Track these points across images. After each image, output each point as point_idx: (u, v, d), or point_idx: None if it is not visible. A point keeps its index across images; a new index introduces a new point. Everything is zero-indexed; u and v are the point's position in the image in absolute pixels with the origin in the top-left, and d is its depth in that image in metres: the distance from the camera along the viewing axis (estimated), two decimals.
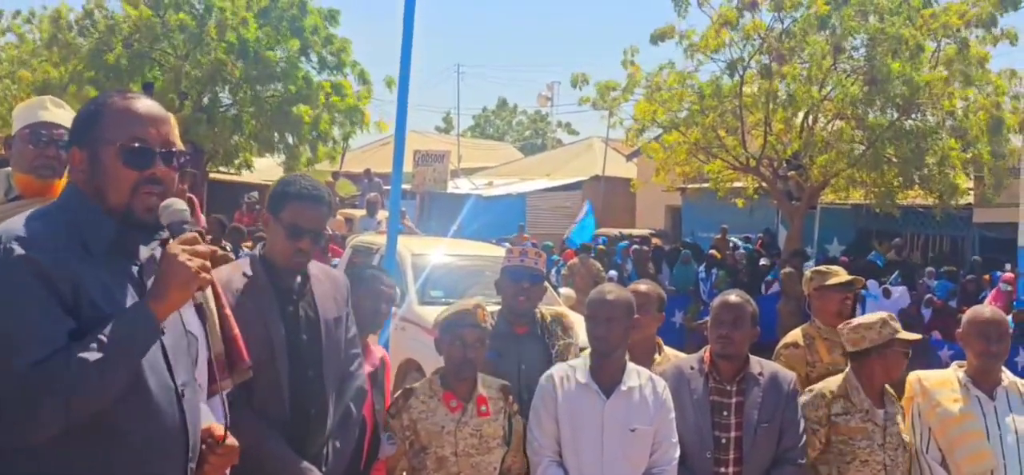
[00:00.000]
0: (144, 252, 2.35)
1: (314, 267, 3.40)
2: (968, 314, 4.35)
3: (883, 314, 4.28)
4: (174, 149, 2.35)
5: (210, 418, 2.54)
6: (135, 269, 2.31)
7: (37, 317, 2.09)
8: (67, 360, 2.06)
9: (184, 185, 7.44)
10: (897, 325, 4.18)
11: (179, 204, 2.34)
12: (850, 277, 5.06)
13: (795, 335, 4.92)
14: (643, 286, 4.60)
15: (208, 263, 2.27)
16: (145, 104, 2.35)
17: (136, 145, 2.28)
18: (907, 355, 4.15)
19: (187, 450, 2.33)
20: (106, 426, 2.17)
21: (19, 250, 2.12)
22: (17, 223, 2.21)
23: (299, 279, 3.33)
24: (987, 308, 4.47)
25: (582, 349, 4.26)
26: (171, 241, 2.27)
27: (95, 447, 2.18)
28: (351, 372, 3.43)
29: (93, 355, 2.08)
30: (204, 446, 2.42)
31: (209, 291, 2.69)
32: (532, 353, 4.32)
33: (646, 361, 4.27)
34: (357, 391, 3.46)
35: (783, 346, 4.88)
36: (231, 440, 2.47)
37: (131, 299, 2.23)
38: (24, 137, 3.56)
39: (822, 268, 5.23)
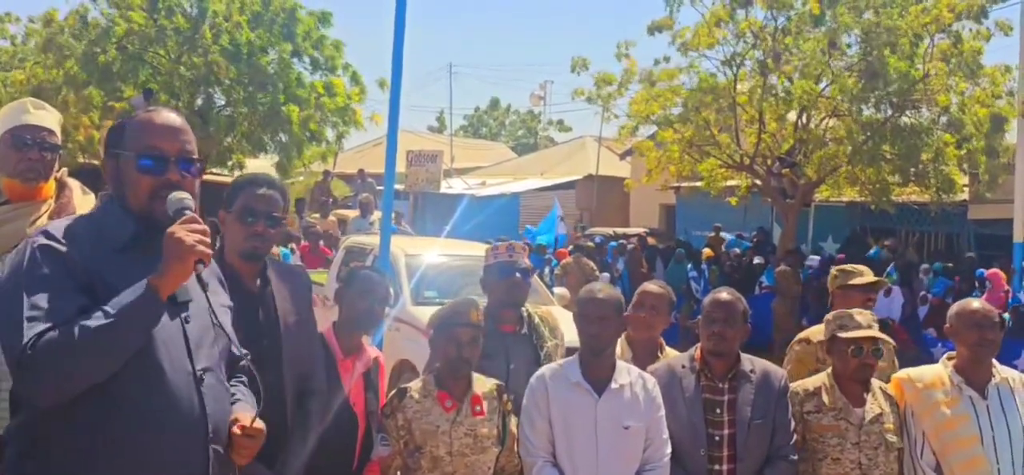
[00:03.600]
0: None
1: (273, 270, 3.41)
2: (956, 306, 4.31)
3: (844, 311, 4.26)
4: (190, 157, 2.58)
5: (245, 409, 2.66)
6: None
7: (47, 297, 2.32)
8: (70, 329, 2.27)
9: None
10: (849, 322, 4.11)
11: (182, 194, 2.51)
12: (875, 278, 5.02)
13: (814, 331, 4.78)
14: (655, 287, 4.58)
15: (206, 238, 2.41)
16: (163, 117, 2.61)
17: (151, 154, 2.53)
18: (856, 354, 4.05)
19: (207, 432, 2.48)
20: (120, 402, 2.37)
21: (41, 241, 2.41)
22: (52, 223, 2.57)
23: (259, 282, 3.34)
24: (975, 300, 4.42)
25: (570, 351, 4.22)
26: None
27: (109, 422, 2.37)
28: (309, 373, 3.44)
29: (95, 322, 2.28)
30: (237, 431, 2.56)
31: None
32: (520, 353, 4.30)
33: (649, 361, 4.26)
34: (315, 393, 3.47)
35: (797, 341, 4.85)
36: (260, 424, 2.57)
37: None
38: (6, 142, 3.55)
39: (847, 267, 5.17)
